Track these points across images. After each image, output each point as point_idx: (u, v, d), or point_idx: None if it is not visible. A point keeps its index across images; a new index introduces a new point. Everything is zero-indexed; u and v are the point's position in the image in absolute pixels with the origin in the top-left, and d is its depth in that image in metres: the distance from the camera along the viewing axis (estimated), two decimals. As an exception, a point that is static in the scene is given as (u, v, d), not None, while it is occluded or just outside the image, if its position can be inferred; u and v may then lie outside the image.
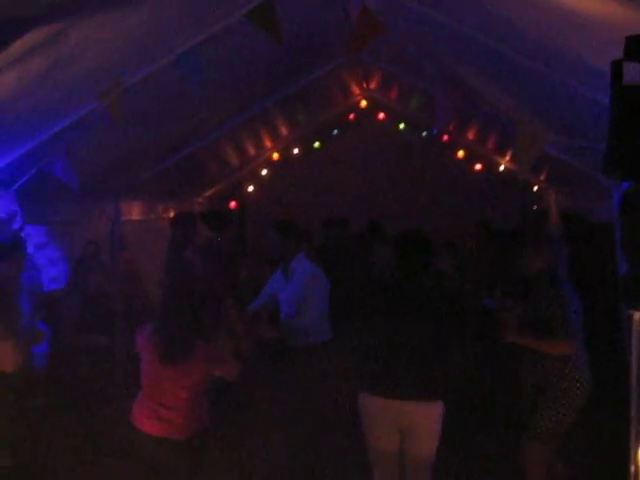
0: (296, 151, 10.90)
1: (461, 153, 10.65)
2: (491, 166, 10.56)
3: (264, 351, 5.56)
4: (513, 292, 6.06)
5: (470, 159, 10.70)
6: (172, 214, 8.83)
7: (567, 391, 4.59)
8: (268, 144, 10.51)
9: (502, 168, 10.40)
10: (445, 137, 10.47)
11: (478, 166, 10.72)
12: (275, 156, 10.80)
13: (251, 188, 11.20)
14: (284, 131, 10.32)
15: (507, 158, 10.14)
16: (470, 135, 10.19)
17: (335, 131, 10.95)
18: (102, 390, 5.66)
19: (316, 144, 10.99)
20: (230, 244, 8.52)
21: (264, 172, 11.01)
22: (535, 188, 10.25)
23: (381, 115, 10.78)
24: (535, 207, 10.43)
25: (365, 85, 10.05)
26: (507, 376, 5.52)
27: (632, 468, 2.99)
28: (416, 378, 4.22)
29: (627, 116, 2.11)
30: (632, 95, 2.11)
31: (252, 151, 10.34)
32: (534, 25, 3.82)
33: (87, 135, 5.19)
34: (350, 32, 4.90)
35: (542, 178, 9.79)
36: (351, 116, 10.78)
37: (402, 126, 10.80)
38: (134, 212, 8.09)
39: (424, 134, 10.59)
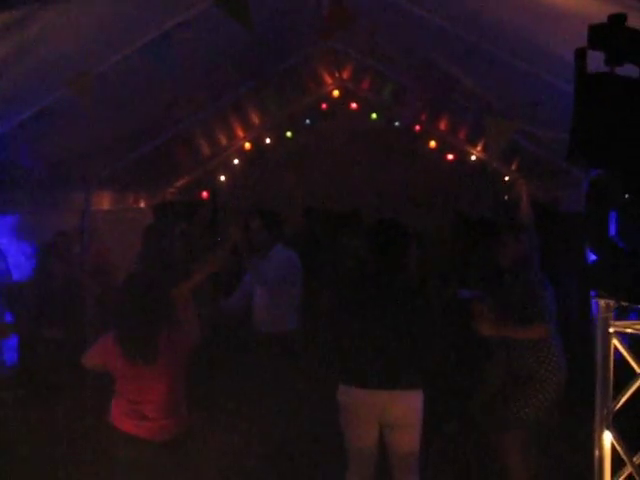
0: (268, 141, 10.84)
1: (433, 143, 10.68)
2: (463, 156, 10.61)
3: (233, 337, 5.53)
4: (487, 282, 6.10)
5: (442, 149, 10.74)
6: (142, 204, 8.76)
7: (545, 377, 4.62)
8: (240, 133, 10.46)
9: (474, 158, 10.46)
10: (417, 127, 10.49)
11: (450, 156, 10.76)
12: (247, 146, 10.74)
13: (223, 178, 11.13)
14: (256, 120, 10.27)
15: (478, 148, 10.21)
16: (442, 125, 10.23)
17: (307, 121, 10.90)
18: (65, 383, 5.56)
19: (288, 134, 10.94)
20: (202, 234, 8.46)
21: (236, 162, 10.94)
22: (506, 178, 10.33)
23: (354, 105, 10.76)
24: (506, 197, 10.52)
25: (338, 75, 10.05)
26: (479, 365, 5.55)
27: (596, 453, 3.04)
28: (393, 367, 4.15)
29: (590, 104, 2.13)
30: (595, 83, 2.12)
31: (224, 141, 10.28)
32: (503, 15, 3.85)
33: (54, 123, 5.11)
34: (321, 20, 4.89)
35: (513, 168, 9.88)
36: (323, 106, 10.75)
37: (374, 116, 10.80)
38: (104, 202, 8.01)
39: (396, 124, 10.60)
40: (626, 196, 2.43)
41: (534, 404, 4.63)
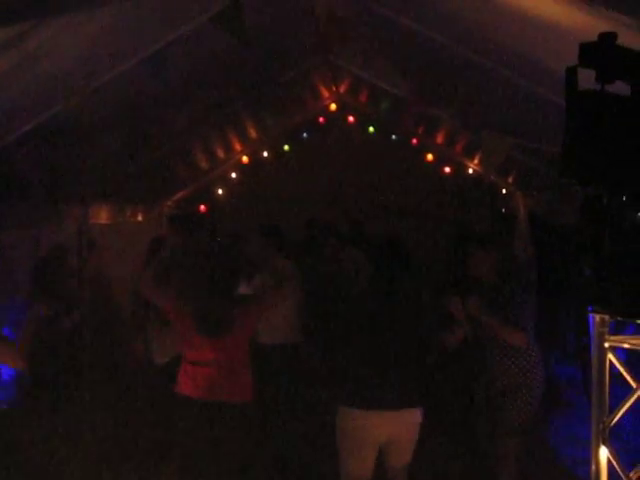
0: (265, 154, 10.87)
1: (430, 156, 10.71)
2: (460, 169, 10.64)
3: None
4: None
5: (439, 162, 10.76)
6: (140, 217, 8.75)
7: (531, 386, 4.76)
8: (237, 147, 10.48)
9: (471, 171, 10.49)
10: (414, 140, 10.53)
11: (447, 169, 10.78)
12: (245, 159, 10.76)
13: (220, 191, 11.15)
14: (253, 134, 10.29)
15: (475, 161, 10.23)
16: (439, 139, 10.25)
17: (304, 134, 10.94)
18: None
19: (285, 147, 10.98)
20: (201, 248, 8.46)
21: (233, 175, 10.96)
22: (503, 191, 10.35)
23: (351, 118, 10.80)
24: (503, 210, 10.53)
25: (334, 88, 10.07)
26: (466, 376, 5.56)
27: (593, 468, 3.03)
28: (397, 387, 4.13)
29: (581, 121, 2.14)
30: (586, 101, 2.14)
31: (221, 154, 10.30)
32: (499, 31, 3.88)
33: (53, 137, 5.13)
34: (318, 35, 4.93)
35: (510, 181, 9.90)
36: (320, 119, 10.78)
37: (371, 129, 10.83)
38: (102, 215, 8.00)
39: (393, 137, 10.64)
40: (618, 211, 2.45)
41: (526, 412, 4.76)
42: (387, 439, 4.21)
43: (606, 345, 2.98)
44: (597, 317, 3.00)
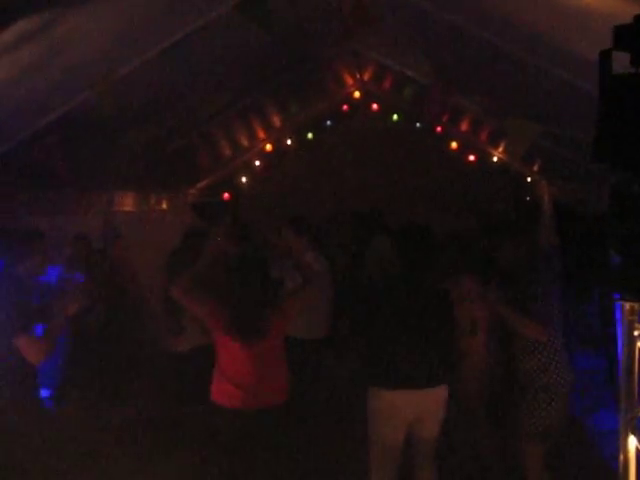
0: (289, 142, 10.87)
1: (454, 144, 10.64)
2: (484, 157, 10.56)
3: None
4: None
5: (463, 150, 10.69)
6: (164, 205, 8.80)
7: (554, 386, 4.47)
8: (261, 135, 10.48)
9: (495, 159, 10.40)
10: (439, 128, 10.46)
11: (471, 157, 10.71)
12: (268, 147, 10.77)
13: (244, 179, 11.17)
14: (277, 122, 10.29)
15: (500, 149, 10.15)
16: (463, 126, 10.18)
17: (328, 122, 10.91)
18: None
19: (309, 135, 10.96)
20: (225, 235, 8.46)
21: (257, 163, 10.98)
22: (528, 179, 10.26)
23: (375, 106, 10.75)
24: (528, 198, 10.45)
25: (359, 76, 10.03)
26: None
27: (621, 457, 3.01)
28: (423, 367, 4.28)
29: (615, 106, 2.11)
30: (620, 84, 2.10)
31: (245, 142, 10.32)
32: (526, 16, 3.82)
33: (78, 126, 5.17)
34: (342, 22, 4.90)
35: (535, 169, 9.81)
36: (344, 107, 10.74)
37: (395, 117, 10.77)
38: (126, 203, 8.06)
39: (418, 125, 10.57)
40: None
41: (541, 416, 4.47)
42: (415, 417, 4.33)
43: (635, 333, 2.95)
44: (626, 305, 2.96)
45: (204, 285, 4.19)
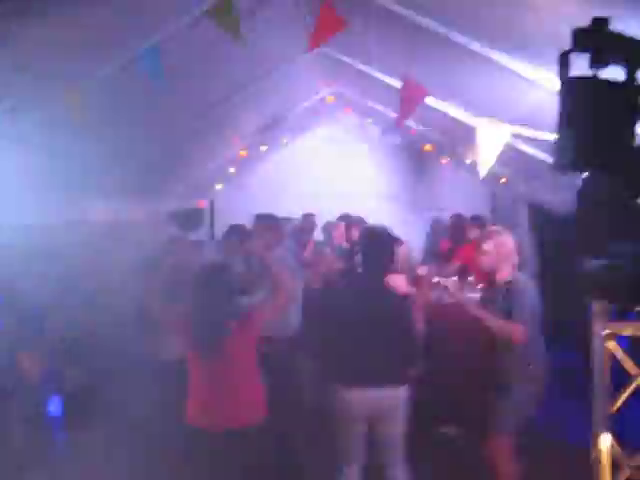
0: (263, 148, 10.84)
1: (428, 146, 10.66)
2: (458, 159, 10.59)
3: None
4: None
5: (438, 153, 10.71)
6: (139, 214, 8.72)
7: (528, 382, 4.60)
8: (235, 141, 10.44)
9: (468, 161, 10.44)
10: (413, 131, 10.48)
11: (445, 160, 10.74)
12: (242, 153, 10.73)
13: (219, 187, 11.12)
14: (251, 127, 10.25)
15: (474, 150, 10.15)
16: (437, 130, 10.19)
17: (302, 127, 10.91)
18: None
19: (284, 140, 10.95)
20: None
21: (231, 170, 10.93)
22: (502, 180, 10.32)
23: (348, 110, 10.77)
24: (501, 198, 10.52)
25: (331, 80, 10.02)
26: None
27: (594, 454, 3.03)
28: (383, 367, 4.47)
29: (575, 107, 2.13)
30: (579, 86, 2.13)
31: (219, 149, 10.26)
32: (496, 15, 3.85)
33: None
34: (310, 28, 4.89)
35: (508, 170, 9.85)
36: (318, 111, 10.75)
37: (369, 121, 10.81)
38: (100, 213, 7.97)
39: (392, 128, 10.60)
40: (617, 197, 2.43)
41: (514, 411, 4.60)
42: (373, 414, 4.51)
43: (605, 332, 2.98)
44: (596, 305, 3.00)
45: (174, 299, 4.13)
